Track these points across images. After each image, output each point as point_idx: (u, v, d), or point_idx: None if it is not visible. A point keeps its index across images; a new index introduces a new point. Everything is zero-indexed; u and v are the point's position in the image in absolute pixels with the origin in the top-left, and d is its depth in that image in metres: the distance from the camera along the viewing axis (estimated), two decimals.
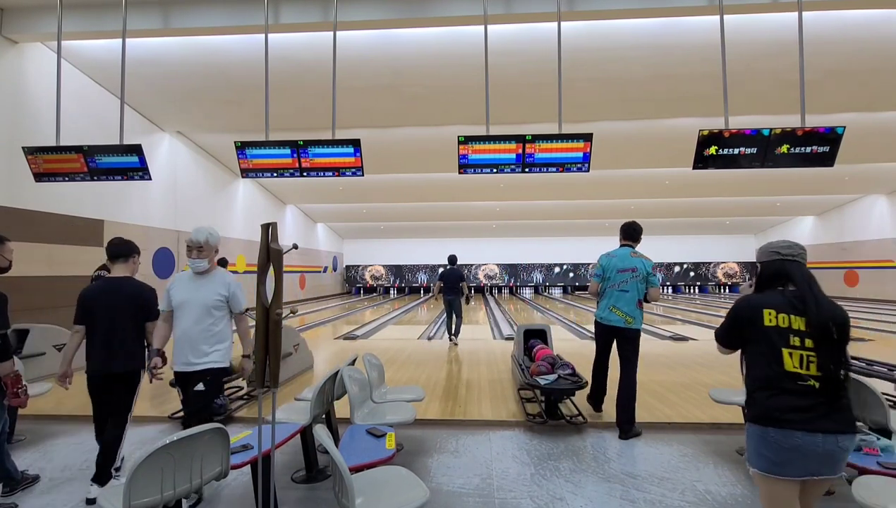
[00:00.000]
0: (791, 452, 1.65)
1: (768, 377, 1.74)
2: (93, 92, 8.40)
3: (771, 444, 1.69)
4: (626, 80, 7.91)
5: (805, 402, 1.66)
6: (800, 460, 1.65)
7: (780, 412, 1.68)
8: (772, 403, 1.71)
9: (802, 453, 1.64)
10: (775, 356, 1.72)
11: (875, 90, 8.24)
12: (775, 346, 1.73)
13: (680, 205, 18.25)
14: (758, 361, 1.79)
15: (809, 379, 1.67)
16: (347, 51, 6.74)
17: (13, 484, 2.89)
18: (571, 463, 3.26)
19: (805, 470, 1.67)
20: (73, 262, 8.23)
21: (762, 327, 1.77)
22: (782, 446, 1.66)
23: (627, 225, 4.27)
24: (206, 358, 2.88)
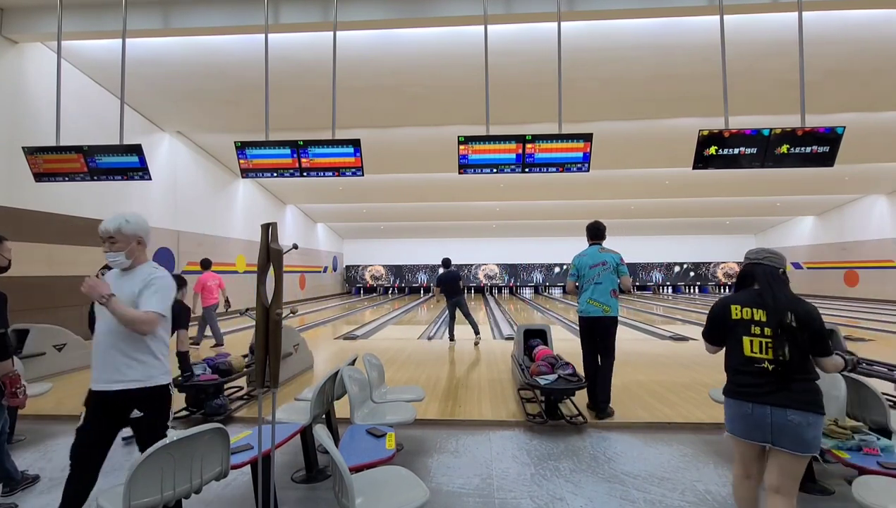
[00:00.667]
0: (745, 419, 2.03)
1: (735, 361, 2.11)
2: (93, 92, 8.40)
3: (732, 412, 2.10)
4: (627, 79, 7.91)
5: (758, 380, 2.01)
6: (754, 427, 2.01)
7: (738, 387, 2.08)
8: (735, 380, 2.10)
9: (754, 420, 2.00)
10: (739, 343, 2.08)
11: (875, 90, 8.24)
12: (739, 335, 2.09)
13: (680, 205, 18.26)
14: (729, 349, 2.16)
15: (764, 362, 2.01)
16: (347, 51, 6.75)
17: (13, 484, 2.89)
18: (571, 463, 3.26)
19: (760, 437, 2.00)
20: (73, 262, 8.23)
21: (730, 320, 2.14)
22: (737, 413, 2.07)
23: (591, 225, 4.51)
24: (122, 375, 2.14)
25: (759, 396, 1.99)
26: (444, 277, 8.30)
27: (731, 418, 2.11)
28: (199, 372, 4.26)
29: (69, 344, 6.08)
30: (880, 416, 2.83)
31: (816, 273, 19.92)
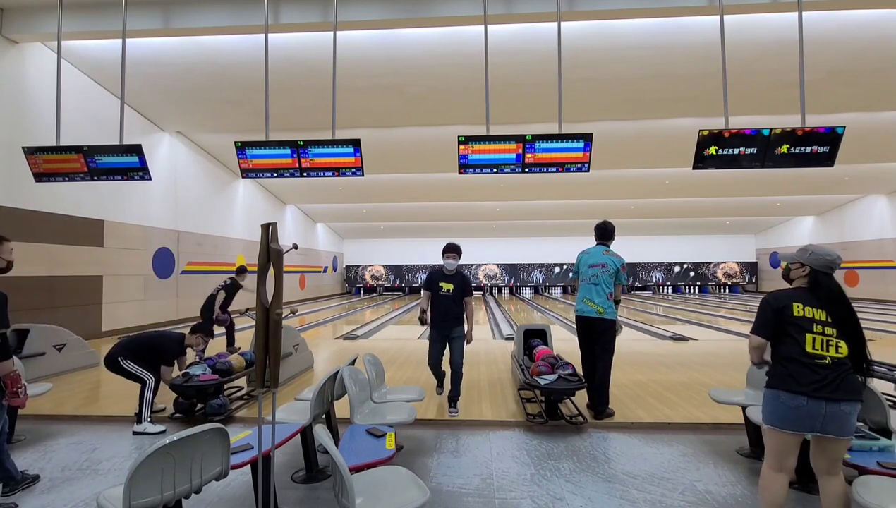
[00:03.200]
0: (796, 411, 2.09)
1: (793, 354, 2.15)
2: (93, 92, 8.40)
3: (780, 404, 2.13)
4: (627, 79, 7.91)
5: (817, 376, 2.08)
6: (805, 418, 2.08)
7: (794, 380, 2.11)
8: (790, 372, 2.13)
9: (807, 412, 2.07)
10: (799, 339, 2.15)
11: (875, 90, 8.24)
12: (801, 332, 2.16)
13: (680, 205, 18.26)
14: (784, 344, 2.20)
15: (826, 358, 2.10)
16: (348, 51, 6.75)
17: (13, 484, 2.89)
18: (571, 463, 3.26)
19: (809, 427, 2.09)
20: (73, 262, 8.24)
21: (792, 317, 2.19)
22: (788, 405, 2.10)
23: (599, 225, 4.54)
24: None
25: (818, 391, 2.06)
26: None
27: (778, 411, 2.14)
28: (199, 372, 4.26)
29: (69, 344, 6.07)
30: (880, 416, 2.83)
31: None
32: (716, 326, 10.91)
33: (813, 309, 2.18)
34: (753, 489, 2.89)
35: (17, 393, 2.70)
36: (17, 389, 2.70)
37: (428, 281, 4.36)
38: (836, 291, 2.24)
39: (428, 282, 4.35)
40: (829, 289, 2.24)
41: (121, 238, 9.32)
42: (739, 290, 24.24)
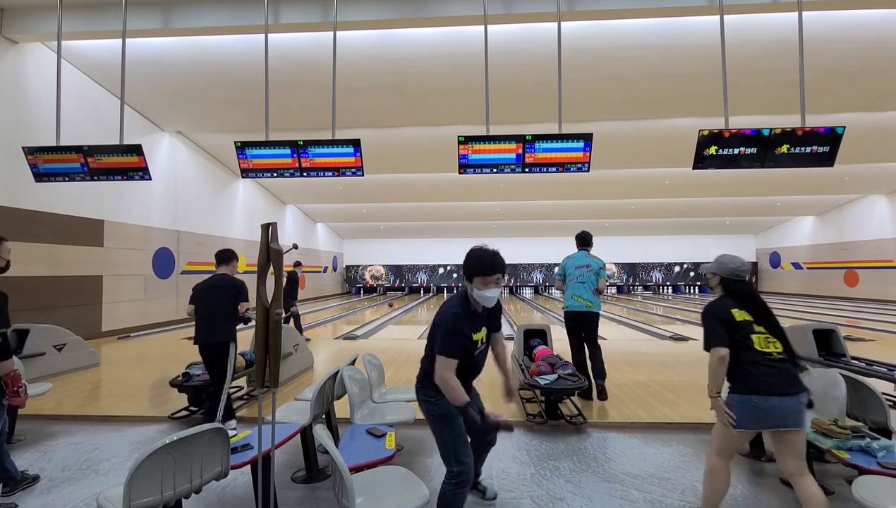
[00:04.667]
0: (769, 412, 2.16)
1: (749, 358, 2.25)
2: (93, 92, 8.40)
3: (753, 408, 2.19)
4: (627, 79, 7.91)
5: (774, 371, 2.20)
6: (778, 417, 2.16)
7: (760, 382, 2.20)
8: (754, 375, 2.22)
9: (780, 411, 2.16)
10: (747, 342, 2.27)
11: (875, 90, 8.24)
12: (746, 334, 2.29)
13: (680, 205, 18.26)
14: (738, 350, 2.29)
15: (773, 353, 2.24)
16: (348, 51, 6.75)
17: (13, 484, 2.89)
18: (571, 463, 3.26)
19: (781, 424, 2.17)
20: (73, 262, 8.24)
21: (735, 322, 2.32)
22: (761, 407, 2.17)
23: (580, 234, 5.00)
24: None
25: (782, 388, 2.17)
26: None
27: (751, 414, 2.19)
28: (199, 373, 4.26)
29: (69, 344, 6.07)
30: (880, 416, 2.83)
31: (816, 273, 19.91)
32: None
33: (745, 313, 2.34)
34: (754, 489, 2.89)
35: (18, 392, 2.70)
36: (18, 389, 2.70)
37: (453, 336, 2.22)
38: (748, 293, 2.43)
39: (455, 340, 2.22)
40: (739, 293, 2.42)
41: (121, 238, 9.32)
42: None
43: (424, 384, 2.35)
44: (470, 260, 2.29)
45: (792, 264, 21.49)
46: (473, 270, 2.26)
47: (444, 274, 25.43)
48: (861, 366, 4.37)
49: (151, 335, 9.44)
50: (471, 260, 2.28)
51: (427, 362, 2.35)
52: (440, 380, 2.18)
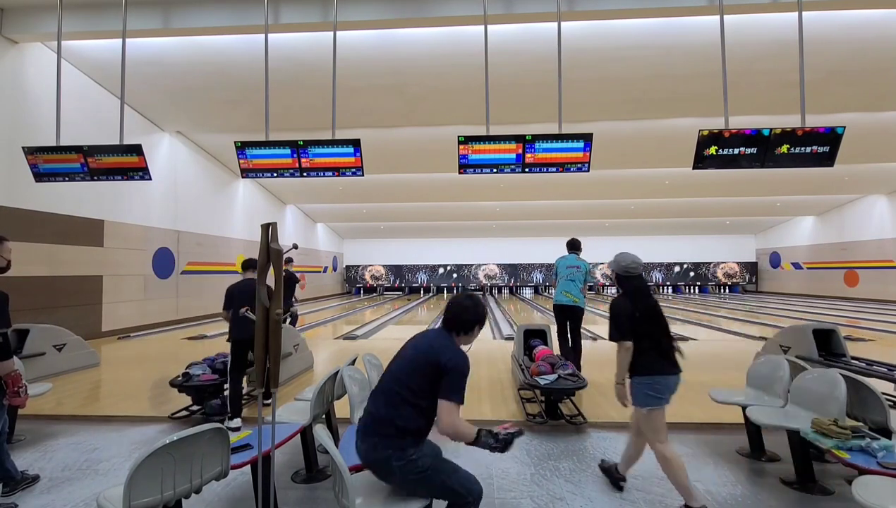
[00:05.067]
0: (669, 388, 2.62)
1: (654, 346, 2.65)
2: (93, 92, 8.40)
3: (663, 385, 2.62)
4: (627, 79, 7.91)
5: (671, 356, 2.66)
6: (672, 390, 2.64)
7: (667, 364, 2.63)
8: (661, 358, 2.64)
9: (675, 385, 2.64)
10: (650, 332, 2.66)
11: (875, 90, 8.24)
12: (648, 326, 2.66)
13: (680, 205, 18.26)
14: (642, 339, 2.64)
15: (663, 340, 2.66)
16: (348, 51, 6.75)
17: (13, 484, 2.89)
18: (571, 463, 3.26)
19: (669, 399, 2.63)
20: (73, 262, 8.24)
21: (636, 317, 2.66)
22: (668, 384, 2.62)
23: (570, 241, 5.53)
24: None
25: (674, 367, 2.65)
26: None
27: (658, 392, 2.61)
28: (199, 372, 4.26)
29: (69, 344, 6.07)
30: (880, 416, 2.83)
31: (816, 273, 19.91)
32: (716, 326, 10.90)
33: (642, 308, 2.69)
34: (754, 489, 2.89)
35: (18, 392, 2.70)
36: (18, 389, 2.70)
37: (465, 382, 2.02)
38: (638, 288, 2.76)
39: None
40: (631, 287, 2.76)
41: (121, 238, 9.32)
42: (739, 290, 24.24)
43: (400, 443, 1.91)
44: (451, 313, 2.11)
45: (792, 264, 21.49)
46: (456, 325, 2.09)
47: (444, 274, 25.43)
48: (861, 366, 4.37)
49: (151, 335, 9.44)
50: (453, 314, 2.10)
51: (405, 412, 1.92)
52: (451, 427, 1.90)
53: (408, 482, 1.92)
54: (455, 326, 2.08)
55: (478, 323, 2.12)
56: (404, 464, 1.89)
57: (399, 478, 1.92)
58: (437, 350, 1.98)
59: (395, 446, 1.90)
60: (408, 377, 1.96)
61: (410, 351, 2.06)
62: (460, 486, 1.99)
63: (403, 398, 1.93)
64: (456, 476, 2.01)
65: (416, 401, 1.93)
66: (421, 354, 1.99)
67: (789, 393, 3.21)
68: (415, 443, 1.95)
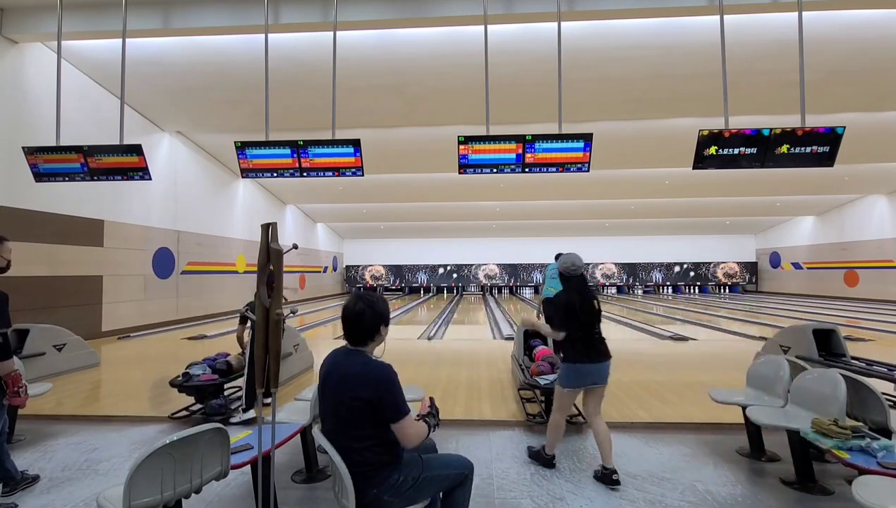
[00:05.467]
0: (591, 373, 3.02)
1: (581, 336, 3.04)
2: (93, 92, 8.40)
3: (580, 371, 3.02)
4: (627, 79, 7.91)
5: (596, 346, 3.06)
6: (596, 375, 3.04)
7: (588, 353, 3.03)
8: (583, 349, 3.03)
9: (598, 371, 3.04)
10: (582, 325, 3.04)
11: (875, 90, 8.24)
12: (582, 319, 3.03)
13: (680, 205, 18.26)
14: (573, 330, 3.04)
15: (595, 333, 3.08)
16: (348, 51, 6.75)
17: (13, 484, 2.89)
18: (571, 463, 3.26)
19: (597, 381, 3.05)
20: (73, 262, 8.24)
21: (575, 310, 3.03)
22: (586, 371, 3.02)
23: (556, 255, 6.10)
24: None
25: (598, 357, 3.04)
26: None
27: (578, 377, 3.03)
28: (199, 373, 4.26)
29: (69, 344, 6.07)
30: (880, 416, 2.83)
31: (816, 273, 19.91)
32: (716, 326, 10.90)
33: (581, 302, 3.04)
34: (754, 489, 2.89)
35: (18, 392, 2.70)
36: (18, 389, 2.70)
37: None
38: (578, 286, 3.11)
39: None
40: (572, 284, 3.11)
41: (121, 238, 9.32)
42: (739, 290, 24.24)
43: (380, 478, 1.86)
44: (350, 326, 1.98)
45: (792, 264, 21.49)
46: (360, 337, 1.97)
47: (444, 274, 25.43)
48: (861, 366, 4.37)
49: (151, 335, 9.45)
50: (352, 326, 1.98)
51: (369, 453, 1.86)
52: (415, 438, 1.87)
53: (408, 498, 1.90)
54: (360, 338, 1.97)
55: (381, 324, 1.98)
56: (395, 490, 1.86)
57: (399, 503, 1.88)
58: (354, 386, 1.84)
59: (376, 483, 1.85)
60: (354, 427, 1.85)
61: (333, 400, 1.90)
62: (454, 468, 2.04)
63: (361, 443, 1.85)
64: (445, 462, 2.06)
65: (374, 438, 1.86)
66: (347, 400, 1.84)
67: (789, 393, 3.21)
68: (395, 468, 1.90)
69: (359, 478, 1.82)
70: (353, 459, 1.83)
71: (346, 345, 2.03)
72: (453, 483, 2.02)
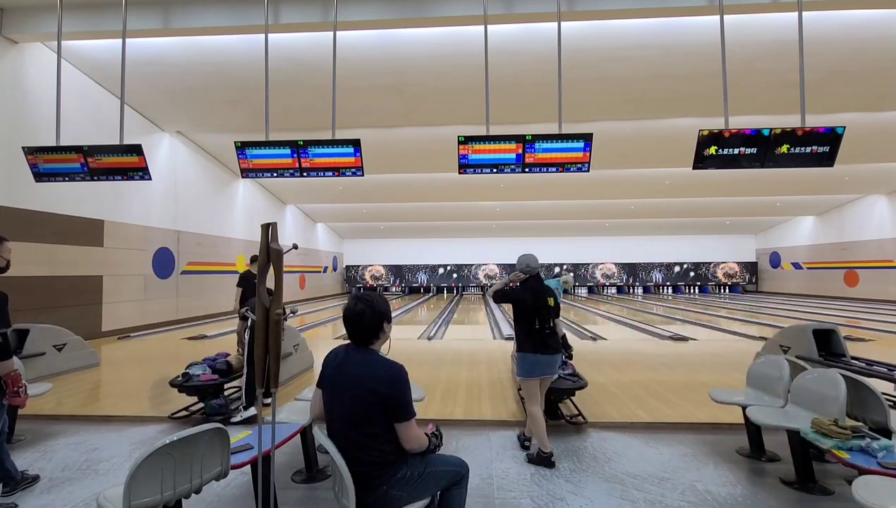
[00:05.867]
0: (542, 364, 3.34)
1: (532, 330, 3.36)
2: (93, 92, 8.40)
3: (533, 361, 3.34)
4: (627, 79, 7.91)
5: (545, 340, 3.35)
6: (546, 366, 3.37)
7: (537, 346, 3.34)
8: (533, 342, 3.35)
9: (548, 362, 3.36)
10: (533, 320, 3.36)
11: (875, 90, 8.24)
12: (534, 315, 3.36)
13: (680, 205, 18.26)
14: (525, 324, 3.39)
15: (546, 328, 3.37)
16: (348, 51, 6.75)
17: (13, 484, 2.89)
18: (571, 463, 3.26)
19: (549, 372, 3.41)
20: (73, 262, 8.24)
21: (529, 306, 3.38)
22: (538, 362, 3.34)
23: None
24: None
25: (548, 349, 3.34)
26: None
27: (533, 366, 3.34)
28: (199, 373, 4.26)
29: (69, 344, 6.07)
30: (880, 416, 2.83)
31: (816, 273, 19.91)
32: (716, 326, 10.90)
33: (536, 299, 3.37)
34: (754, 489, 2.89)
35: (18, 392, 2.70)
36: (18, 389, 2.70)
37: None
38: (532, 286, 3.44)
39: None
40: (527, 281, 3.45)
41: (121, 238, 9.32)
42: (739, 290, 24.24)
43: (389, 475, 1.88)
44: (353, 327, 2.00)
45: (792, 264, 21.50)
46: (365, 336, 2.01)
47: (444, 274, 25.43)
48: (861, 366, 4.37)
49: (151, 335, 9.44)
50: (354, 326, 2.00)
51: (381, 450, 1.88)
52: (417, 442, 1.93)
53: (414, 492, 1.92)
54: (364, 338, 1.99)
55: (384, 321, 2.02)
56: (402, 485, 1.89)
57: (407, 498, 1.89)
58: (373, 381, 1.87)
59: (385, 479, 1.87)
60: (368, 424, 1.86)
61: (348, 397, 1.91)
62: (453, 466, 2.07)
63: (374, 439, 1.87)
64: (445, 460, 2.08)
65: (387, 434, 1.89)
66: (363, 394, 1.86)
67: (789, 393, 3.21)
68: (402, 463, 1.93)
69: (368, 475, 1.84)
70: (363, 457, 1.85)
71: (350, 344, 2.05)
72: (452, 481, 2.05)
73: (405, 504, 1.89)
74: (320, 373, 2.08)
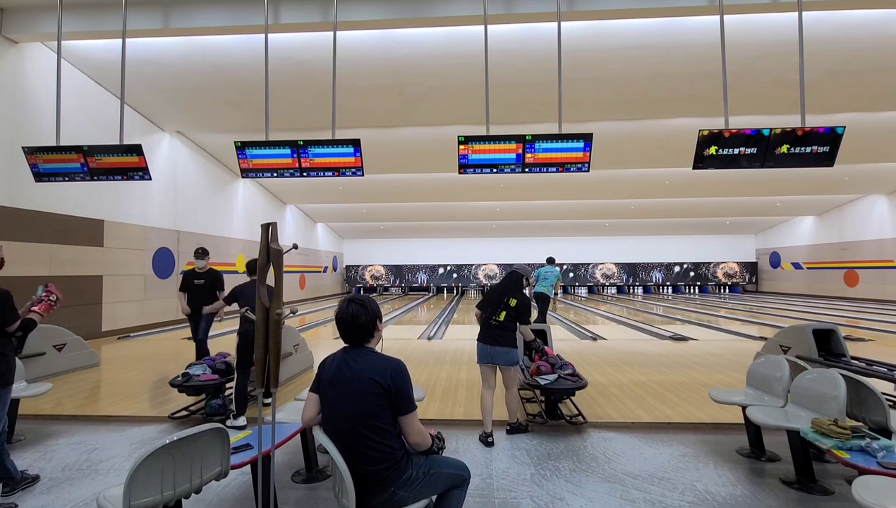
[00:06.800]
0: (485, 353, 3.77)
1: (482, 321, 3.83)
2: (93, 92, 8.40)
3: (477, 349, 3.82)
4: (627, 79, 7.91)
5: (490, 332, 3.76)
6: (487, 356, 3.76)
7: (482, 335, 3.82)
8: (483, 331, 3.82)
9: (488, 353, 3.75)
10: (492, 313, 3.78)
11: (875, 90, 8.24)
12: (491, 309, 3.80)
13: (680, 205, 18.26)
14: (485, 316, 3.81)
15: (493, 321, 3.76)
16: (348, 51, 6.75)
17: (13, 484, 2.89)
18: (571, 463, 3.26)
19: (489, 360, 3.76)
20: (73, 262, 8.24)
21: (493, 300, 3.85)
22: (478, 349, 3.82)
23: (548, 258, 9.08)
24: None
25: (489, 340, 3.75)
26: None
27: (478, 352, 3.82)
28: (199, 373, 4.26)
29: (69, 344, 6.07)
30: (880, 416, 2.83)
31: (816, 273, 19.91)
32: (716, 326, 10.90)
33: (490, 293, 3.91)
34: (754, 489, 2.89)
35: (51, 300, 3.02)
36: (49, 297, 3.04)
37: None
38: (502, 282, 3.95)
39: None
40: (506, 282, 3.93)
41: (121, 238, 9.32)
42: (739, 290, 24.23)
43: (395, 473, 1.89)
44: (346, 328, 2.04)
45: (792, 264, 21.49)
46: (360, 336, 2.05)
47: (444, 274, 25.43)
48: (861, 366, 4.37)
49: (151, 335, 9.44)
50: (348, 327, 2.04)
51: (387, 445, 1.89)
52: (420, 435, 1.96)
53: (420, 492, 1.93)
54: (360, 338, 2.04)
55: (377, 320, 2.08)
56: (409, 485, 1.90)
57: (412, 498, 1.90)
58: (377, 375, 1.91)
59: (392, 479, 1.88)
60: (372, 417, 1.87)
61: (354, 394, 1.91)
62: (455, 468, 2.08)
63: (380, 434, 1.87)
64: (448, 462, 2.09)
65: (392, 429, 1.92)
66: (369, 386, 1.89)
67: (789, 393, 3.21)
68: (408, 462, 1.94)
69: (377, 476, 1.86)
70: (371, 453, 1.86)
71: (346, 347, 2.09)
72: (454, 483, 2.05)
73: (409, 504, 1.90)
74: (316, 378, 2.09)
